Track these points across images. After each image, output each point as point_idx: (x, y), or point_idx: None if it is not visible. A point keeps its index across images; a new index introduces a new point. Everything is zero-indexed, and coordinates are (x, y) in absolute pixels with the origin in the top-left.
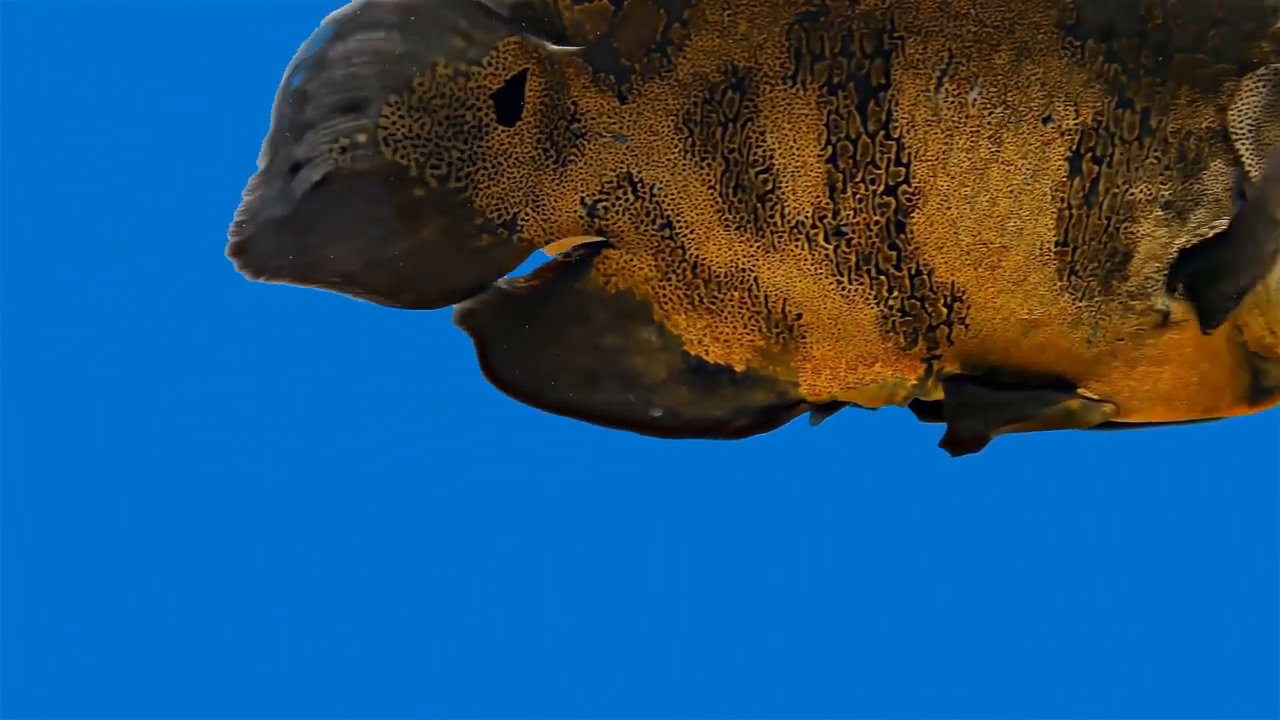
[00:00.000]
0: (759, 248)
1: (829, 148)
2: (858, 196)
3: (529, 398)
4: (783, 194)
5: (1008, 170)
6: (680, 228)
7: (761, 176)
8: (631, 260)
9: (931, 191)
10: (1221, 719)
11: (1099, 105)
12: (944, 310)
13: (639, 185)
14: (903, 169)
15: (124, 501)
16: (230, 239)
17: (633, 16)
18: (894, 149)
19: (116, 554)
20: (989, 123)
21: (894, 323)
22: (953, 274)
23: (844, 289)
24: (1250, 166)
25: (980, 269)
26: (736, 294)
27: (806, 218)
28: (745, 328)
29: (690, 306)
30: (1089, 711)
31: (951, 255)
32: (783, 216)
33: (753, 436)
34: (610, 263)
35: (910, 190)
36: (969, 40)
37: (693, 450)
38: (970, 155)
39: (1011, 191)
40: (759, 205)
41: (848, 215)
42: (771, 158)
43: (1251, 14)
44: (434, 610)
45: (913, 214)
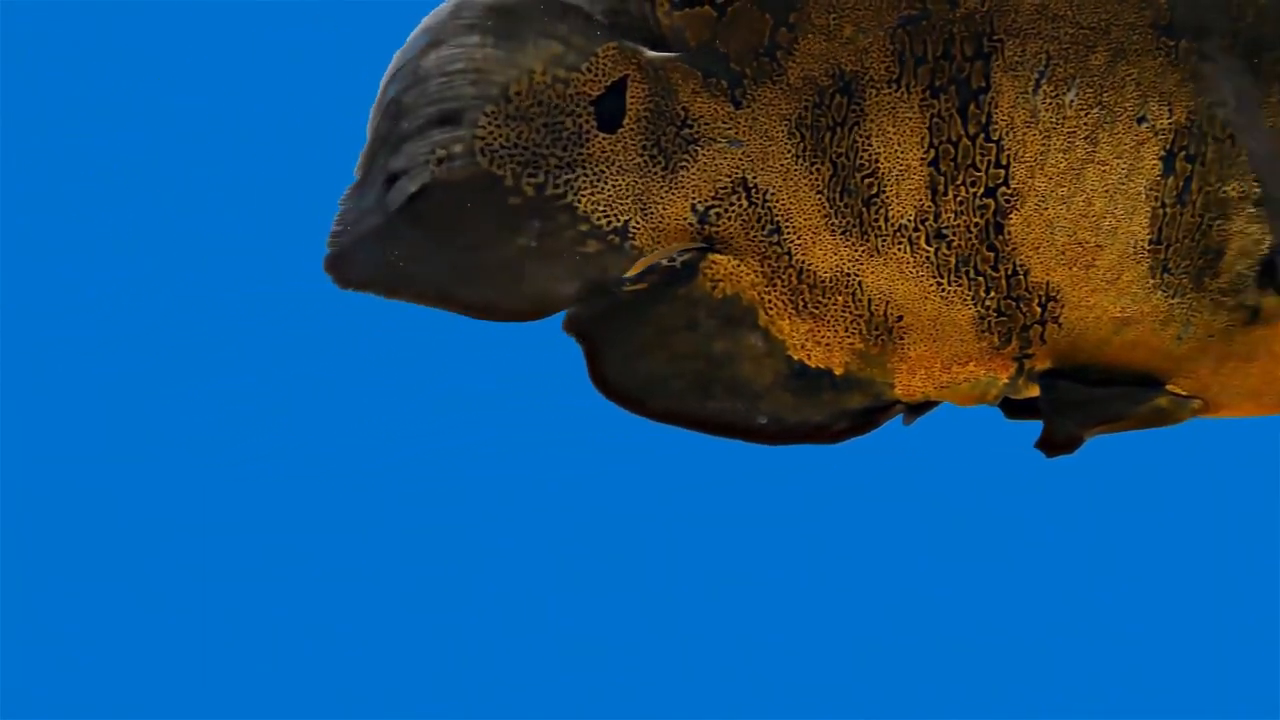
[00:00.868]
0: (864, 251)
1: (931, 150)
2: (958, 199)
3: (636, 405)
4: (887, 197)
5: (1103, 170)
6: (788, 233)
7: (867, 180)
8: (739, 266)
9: (1029, 192)
10: (1221, 719)
11: (1192, 104)
12: (1038, 309)
13: (753, 191)
14: (1002, 171)
15: (124, 501)
16: (327, 249)
17: (738, 21)
18: (994, 151)
19: (116, 554)
20: (1085, 123)
21: (990, 323)
22: (1048, 274)
23: (943, 290)
24: None
25: (1075, 268)
26: (840, 298)
27: (909, 221)
28: (847, 331)
29: (794, 311)
30: (1089, 711)
31: (1047, 255)
32: (887, 220)
33: (850, 439)
34: (718, 268)
35: (1009, 192)
36: (1066, 42)
37: (692, 451)
38: (1067, 156)
39: (1107, 191)
40: (864, 209)
41: (948, 217)
42: (877, 161)
43: None
44: (433, 610)
45: (1011, 215)
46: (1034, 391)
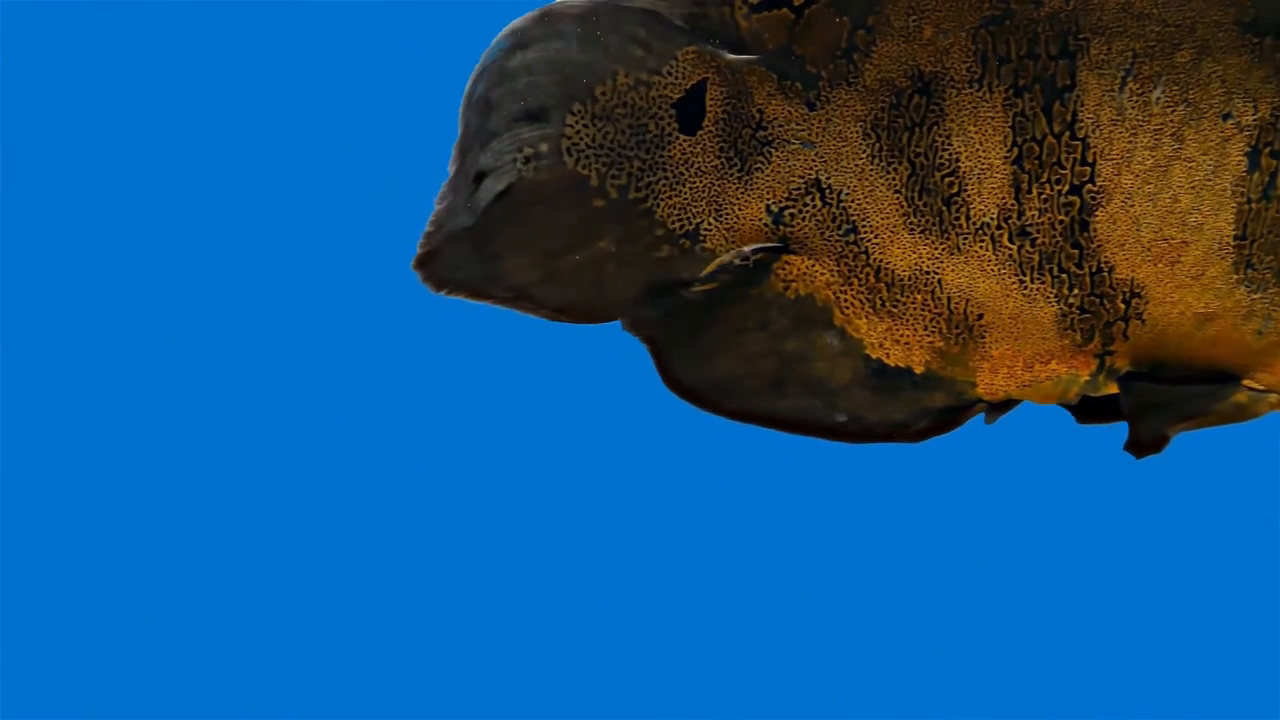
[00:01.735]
0: (943, 250)
1: (1015, 149)
2: (1043, 197)
3: (710, 404)
4: (968, 196)
5: (1189, 167)
6: (865, 232)
7: (947, 179)
8: (813, 266)
9: (1115, 190)
10: (1221, 719)
11: (1276, 101)
12: (1122, 306)
13: (827, 191)
14: (1088, 168)
15: (124, 501)
16: (418, 249)
17: (815, 24)
18: (1079, 149)
19: (116, 554)
20: (1171, 120)
21: (1073, 320)
22: (1133, 270)
23: (1026, 288)
24: None
25: (1160, 264)
26: (919, 296)
27: (992, 219)
28: (926, 330)
29: (872, 310)
30: (1089, 711)
31: (1133, 252)
32: (968, 218)
33: (932, 438)
34: (791, 268)
35: (1095, 189)
36: (1152, 40)
37: (694, 451)
38: (1153, 153)
39: (1193, 187)
40: (944, 208)
41: (1032, 215)
42: (958, 160)
43: None
44: (434, 610)
45: (1096, 212)
46: (1113, 389)
